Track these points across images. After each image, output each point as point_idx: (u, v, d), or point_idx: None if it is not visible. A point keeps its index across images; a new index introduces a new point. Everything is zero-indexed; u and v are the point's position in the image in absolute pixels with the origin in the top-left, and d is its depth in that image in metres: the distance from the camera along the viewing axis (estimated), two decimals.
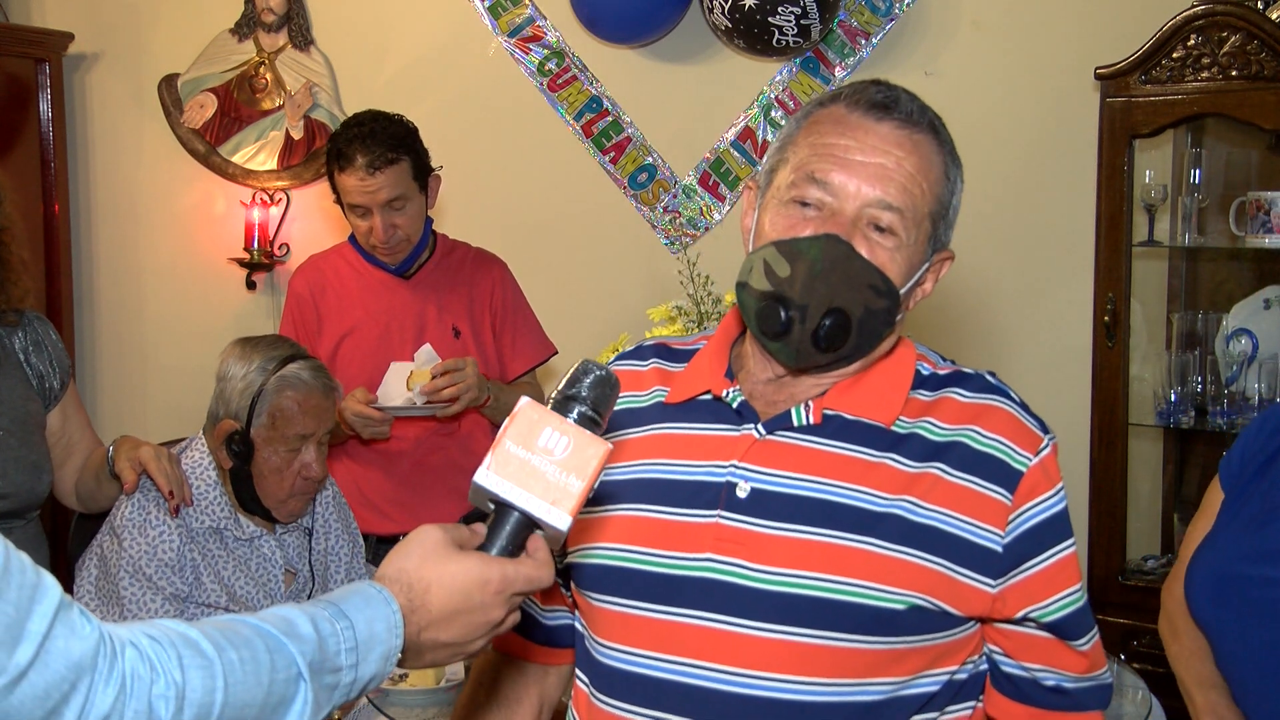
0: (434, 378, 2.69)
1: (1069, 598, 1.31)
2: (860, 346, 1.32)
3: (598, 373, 1.17)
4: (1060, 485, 1.32)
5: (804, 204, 1.30)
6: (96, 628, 0.93)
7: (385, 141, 2.69)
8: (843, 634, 1.25)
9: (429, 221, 2.86)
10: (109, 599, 2.12)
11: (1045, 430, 1.33)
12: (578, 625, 1.45)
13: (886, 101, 1.31)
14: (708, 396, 1.38)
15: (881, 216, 1.28)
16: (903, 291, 1.31)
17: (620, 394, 1.45)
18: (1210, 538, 1.84)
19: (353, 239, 2.89)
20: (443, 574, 1.10)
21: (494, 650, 1.56)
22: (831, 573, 1.25)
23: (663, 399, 1.42)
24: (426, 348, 2.75)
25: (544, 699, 1.55)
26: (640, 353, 1.51)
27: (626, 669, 1.33)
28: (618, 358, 1.53)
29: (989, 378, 1.37)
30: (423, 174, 2.78)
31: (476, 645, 1.14)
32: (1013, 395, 1.35)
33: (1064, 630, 1.31)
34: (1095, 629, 1.36)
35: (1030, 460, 1.30)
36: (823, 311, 1.28)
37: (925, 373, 1.37)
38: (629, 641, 1.34)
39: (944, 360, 1.41)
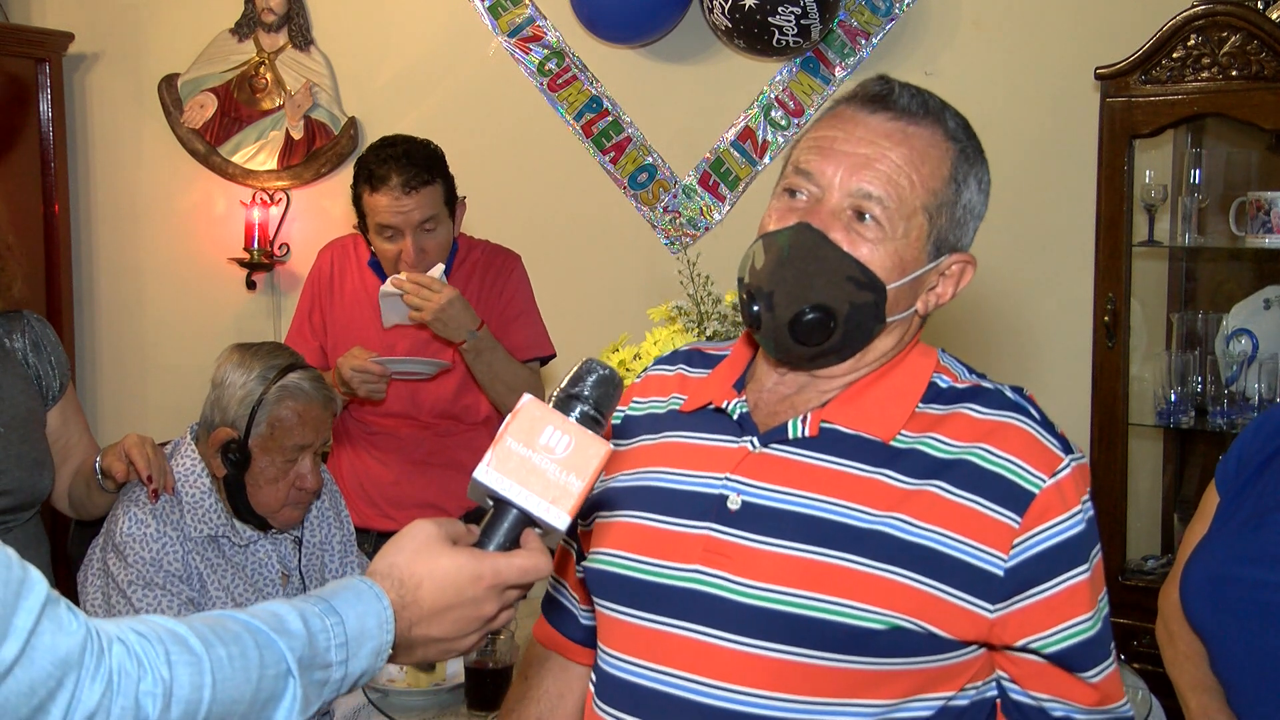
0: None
1: (1076, 628, 1.25)
2: (848, 342, 1.28)
3: (601, 372, 1.16)
4: (1078, 509, 1.25)
5: (793, 194, 1.30)
6: (84, 624, 0.92)
7: (420, 162, 2.65)
8: (820, 652, 1.22)
9: (454, 247, 2.84)
10: (121, 615, 2.09)
11: (1068, 450, 1.27)
12: None
13: (881, 93, 1.29)
14: (724, 404, 1.38)
15: (861, 205, 1.25)
16: (892, 286, 1.27)
17: (645, 398, 1.46)
18: (1206, 541, 1.84)
19: (374, 264, 2.83)
20: (434, 569, 1.09)
21: (541, 646, 1.57)
22: (812, 589, 1.23)
23: (677, 406, 1.42)
24: (439, 266, 2.70)
25: (587, 696, 1.55)
26: (672, 358, 1.51)
27: (618, 675, 1.33)
28: (655, 362, 1.53)
29: (1009, 394, 1.31)
30: (451, 199, 2.75)
31: (468, 641, 1.13)
32: (1034, 413, 1.29)
33: (1069, 662, 1.26)
34: (1109, 660, 1.29)
35: (1044, 481, 1.23)
36: (796, 302, 1.26)
37: (943, 385, 1.32)
38: (621, 648, 1.34)
39: (970, 373, 1.35)
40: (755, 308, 1.29)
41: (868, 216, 1.26)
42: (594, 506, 1.43)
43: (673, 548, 1.31)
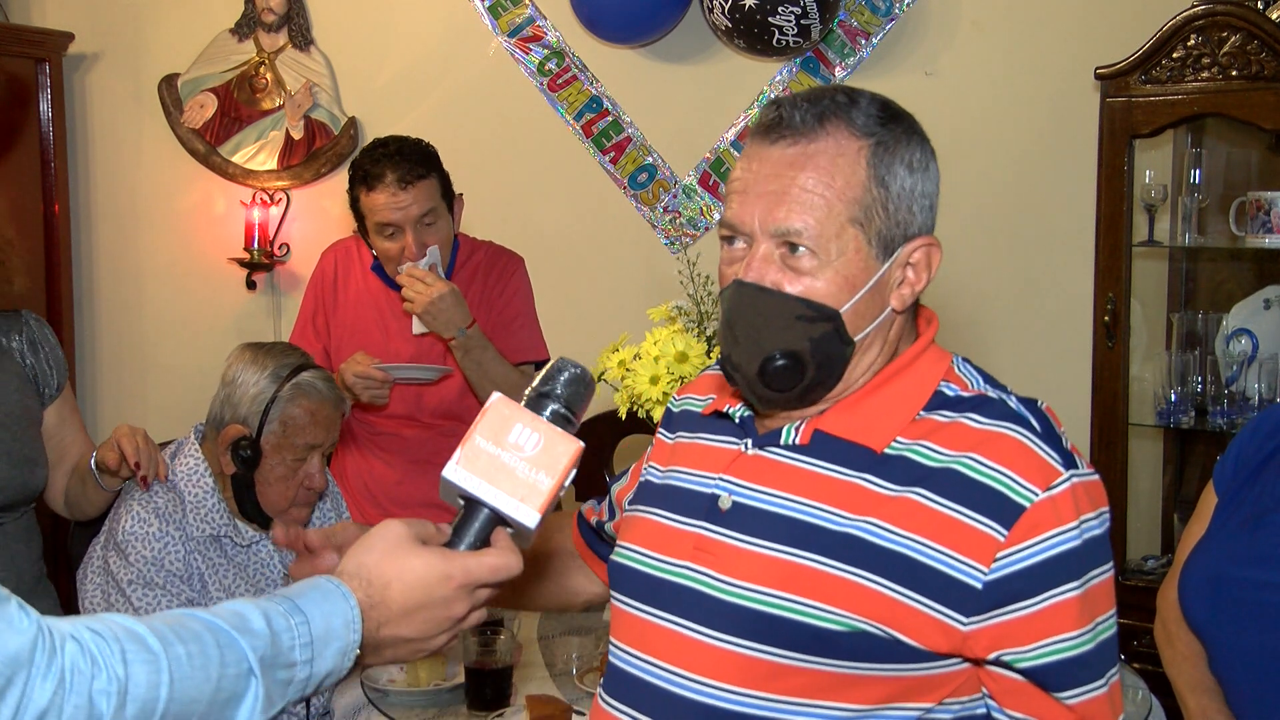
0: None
1: (1055, 645, 1.20)
2: (824, 374, 1.28)
3: (573, 370, 1.17)
4: (1073, 525, 1.20)
5: (730, 242, 1.32)
6: (35, 621, 0.92)
7: (413, 157, 2.65)
8: (785, 650, 1.23)
9: (455, 246, 2.84)
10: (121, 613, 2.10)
11: (1070, 465, 1.22)
12: None
13: (773, 121, 1.28)
14: (725, 409, 1.41)
15: (788, 239, 1.25)
16: (846, 307, 1.26)
17: (682, 396, 1.51)
18: (1204, 542, 1.84)
19: (377, 269, 2.83)
20: (403, 569, 1.09)
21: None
22: (781, 589, 1.24)
23: (702, 408, 1.46)
24: (434, 249, 2.69)
25: (569, 568, 1.66)
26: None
27: (618, 665, 1.37)
28: (716, 361, 1.56)
29: (1013, 404, 1.27)
30: (448, 194, 2.75)
31: (438, 641, 1.13)
32: (1036, 424, 1.24)
33: (1043, 679, 1.21)
34: (1097, 684, 1.23)
35: (1036, 495, 1.19)
36: (755, 358, 1.27)
37: (950, 394, 1.29)
38: (622, 638, 1.37)
39: (985, 383, 1.32)
40: (726, 371, 1.32)
41: (800, 248, 1.25)
42: (632, 498, 1.48)
43: (669, 543, 1.35)
